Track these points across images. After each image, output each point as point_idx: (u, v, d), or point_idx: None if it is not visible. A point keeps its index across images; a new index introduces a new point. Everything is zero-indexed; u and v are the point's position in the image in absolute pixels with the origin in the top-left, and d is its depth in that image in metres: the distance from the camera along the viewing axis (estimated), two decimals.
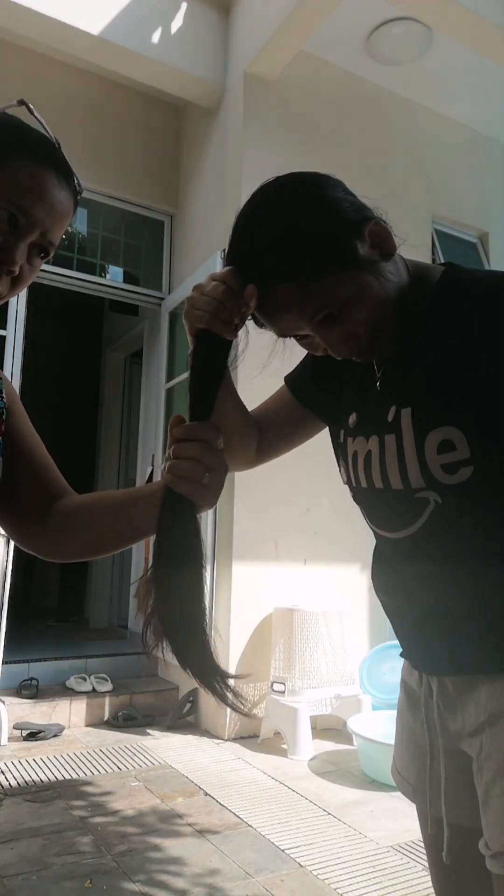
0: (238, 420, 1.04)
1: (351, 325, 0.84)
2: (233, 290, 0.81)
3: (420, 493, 0.85)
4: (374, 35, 3.74)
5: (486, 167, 4.72)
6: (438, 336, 0.86)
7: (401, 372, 0.90)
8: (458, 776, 0.91)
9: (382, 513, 0.93)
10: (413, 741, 0.97)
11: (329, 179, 0.87)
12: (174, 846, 2.21)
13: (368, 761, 2.89)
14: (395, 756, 1.02)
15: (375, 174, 4.07)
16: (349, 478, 0.98)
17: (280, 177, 0.86)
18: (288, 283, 0.81)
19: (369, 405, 0.93)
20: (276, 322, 0.86)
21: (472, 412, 0.81)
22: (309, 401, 1.07)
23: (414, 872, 2.06)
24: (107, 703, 3.59)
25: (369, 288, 0.83)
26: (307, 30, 3.43)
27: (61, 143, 0.80)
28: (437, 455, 0.82)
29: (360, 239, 0.82)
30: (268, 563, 3.58)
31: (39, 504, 0.89)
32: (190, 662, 0.73)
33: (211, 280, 0.83)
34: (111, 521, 0.86)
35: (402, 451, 0.86)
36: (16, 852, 2.13)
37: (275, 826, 2.39)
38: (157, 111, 4.46)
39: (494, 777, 0.80)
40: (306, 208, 0.82)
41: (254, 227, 0.83)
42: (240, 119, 3.78)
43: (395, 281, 0.86)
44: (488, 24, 3.26)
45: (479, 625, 0.84)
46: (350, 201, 0.85)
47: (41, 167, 0.75)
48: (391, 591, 0.96)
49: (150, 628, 0.72)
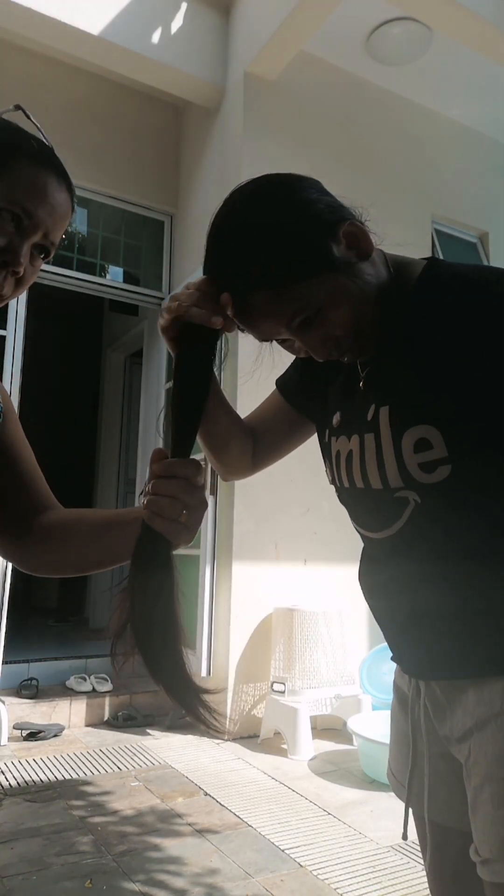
0: (231, 429, 1.03)
1: (329, 329, 0.83)
2: (209, 295, 0.81)
3: (399, 492, 0.85)
4: (374, 35, 3.75)
5: (486, 167, 4.72)
6: (418, 333, 0.85)
7: (382, 370, 0.89)
8: (451, 779, 0.90)
9: (365, 513, 0.92)
10: (405, 744, 0.97)
11: (303, 181, 0.85)
12: (174, 846, 2.21)
13: (368, 761, 2.89)
14: (390, 758, 1.02)
15: (375, 174, 4.07)
16: (333, 477, 0.97)
17: (252, 180, 0.85)
18: (262, 290, 0.80)
19: (352, 404, 0.93)
20: (254, 328, 0.85)
21: (450, 410, 0.80)
22: (298, 402, 1.07)
23: (414, 872, 2.06)
24: (107, 703, 3.59)
25: (346, 290, 0.82)
26: (307, 30, 3.43)
27: (62, 142, 0.81)
28: (413, 454, 0.81)
29: (335, 241, 0.81)
30: (268, 563, 3.58)
31: (23, 515, 0.88)
32: (162, 679, 0.71)
33: (186, 288, 0.83)
34: (89, 543, 0.85)
35: (380, 451, 0.86)
36: (16, 852, 2.13)
37: (275, 826, 2.39)
38: (157, 111, 4.46)
39: (482, 783, 0.80)
40: (278, 213, 0.81)
41: (225, 234, 0.83)
42: (240, 119, 3.78)
43: (374, 280, 0.85)
44: (488, 24, 3.26)
45: (464, 628, 0.83)
46: (325, 202, 0.83)
47: (42, 169, 0.77)
48: (377, 593, 0.95)
49: (120, 642, 0.70)
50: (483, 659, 0.82)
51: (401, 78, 4.14)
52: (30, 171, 0.75)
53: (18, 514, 0.88)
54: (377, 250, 0.88)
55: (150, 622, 0.70)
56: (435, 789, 0.92)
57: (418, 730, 0.93)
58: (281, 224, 0.80)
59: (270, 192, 0.83)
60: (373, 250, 0.84)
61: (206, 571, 3.57)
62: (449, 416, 0.80)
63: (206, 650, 3.52)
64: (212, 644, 3.53)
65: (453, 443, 0.79)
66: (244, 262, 0.80)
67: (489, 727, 0.80)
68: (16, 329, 3.74)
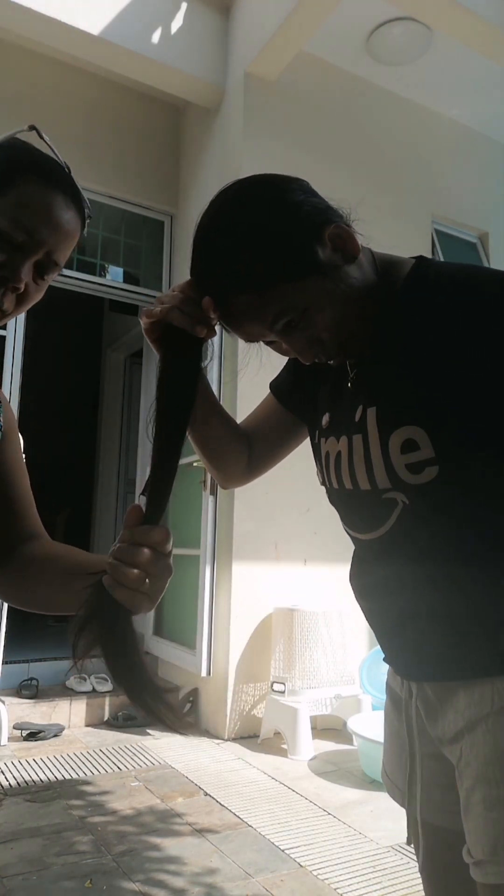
0: (225, 434, 1.03)
1: (314, 331, 0.83)
2: (191, 298, 0.80)
3: (387, 493, 0.84)
4: (374, 35, 3.74)
5: (486, 167, 4.72)
6: (407, 333, 0.85)
7: (370, 371, 0.89)
8: (443, 780, 0.90)
9: (354, 514, 0.92)
10: (399, 745, 0.97)
11: (289, 182, 0.84)
12: (174, 846, 2.21)
13: (368, 761, 2.89)
14: (384, 760, 1.02)
15: (375, 174, 4.07)
16: (324, 479, 0.97)
17: (238, 181, 0.84)
18: (245, 293, 0.79)
19: (340, 405, 0.92)
20: (238, 330, 0.85)
21: (437, 411, 0.79)
22: (291, 404, 1.06)
23: (414, 872, 2.06)
24: (107, 703, 3.59)
25: (331, 293, 0.81)
26: (307, 30, 3.43)
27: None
28: (400, 454, 0.81)
29: (320, 243, 0.80)
30: (268, 563, 3.58)
31: (5, 541, 0.86)
32: (122, 681, 0.69)
33: (171, 290, 0.83)
34: (58, 588, 0.82)
35: (368, 452, 0.85)
36: (16, 852, 2.13)
37: (275, 826, 2.39)
38: (157, 111, 4.46)
39: (474, 784, 0.80)
40: (262, 214, 0.80)
41: (208, 236, 0.82)
42: (240, 119, 3.78)
43: (360, 282, 0.84)
44: (488, 24, 3.26)
45: (452, 630, 0.83)
46: (311, 203, 0.82)
47: (47, 188, 0.77)
48: (367, 595, 0.95)
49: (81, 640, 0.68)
50: (473, 661, 0.82)
51: (401, 78, 4.14)
52: (35, 189, 0.76)
53: (1, 540, 0.86)
54: (365, 250, 0.87)
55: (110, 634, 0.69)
56: (428, 790, 0.92)
57: (412, 731, 0.93)
58: (265, 226, 0.79)
59: (255, 194, 0.83)
60: (359, 253, 0.83)
61: (206, 571, 3.57)
62: (436, 417, 0.79)
63: (206, 650, 3.52)
64: (212, 644, 3.53)
65: (440, 444, 0.79)
66: (227, 263, 0.80)
67: (479, 729, 0.80)
68: (16, 329, 3.74)
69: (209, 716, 3.52)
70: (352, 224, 0.85)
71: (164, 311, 0.80)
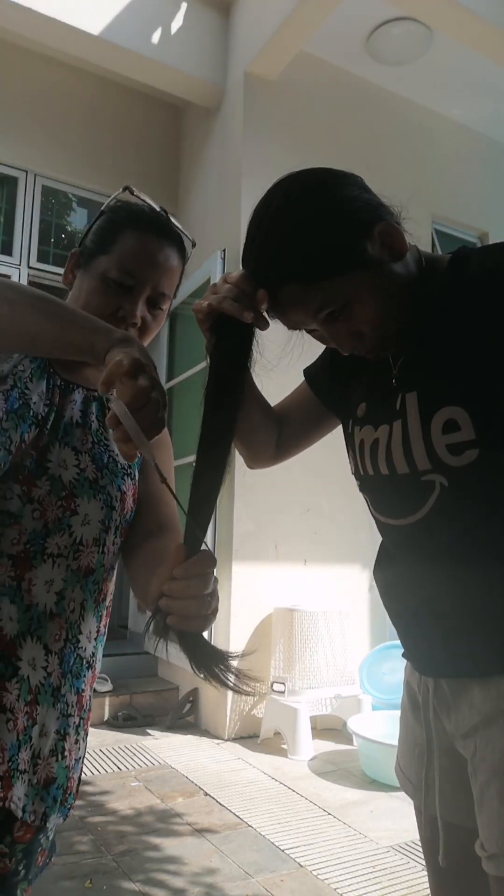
0: (259, 418, 1.05)
1: (355, 324, 0.84)
2: (245, 292, 0.82)
3: (426, 475, 0.84)
4: (374, 35, 3.74)
5: (486, 167, 4.72)
6: (444, 319, 0.86)
7: (412, 362, 0.90)
8: (455, 776, 0.91)
9: (389, 500, 0.92)
10: (414, 740, 0.97)
11: (345, 177, 0.86)
12: (174, 846, 2.21)
13: (368, 761, 2.89)
14: (399, 754, 1.03)
15: (375, 174, 4.02)
16: (356, 467, 0.98)
17: (294, 174, 0.86)
18: (293, 282, 0.81)
19: (379, 396, 0.93)
20: (283, 316, 0.87)
21: (477, 392, 0.80)
22: (324, 393, 1.07)
23: (414, 872, 2.06)
24: (107, 703, 3.59)
25: (375, 288, 0.83)
26: (307, 30, 3.43)
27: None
28: (442, 435, 0.82)
29: (369, 239, 0.82)
30: (268, 563, 3.58)
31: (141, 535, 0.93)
32: (188, 648, 0.74)
33: (224, 283, 0.84)
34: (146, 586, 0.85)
35: (407, 435, 0.86)
36: None
37: (275, 826, 2.39)
38: (157, 111, 4.46)
39: (489, 779, 0.80)
40: (315, 207, 0.82)
41: (263, 228, 0.84)
42: (240, 119, 3.78)
43: (405, 280, 0.86)
44: (488, 24, 3.26)
45: (476, 624, 0.84)
46: (364, 199, 0.84)
47: (144, 234, 0.91)
48: (392, 586, 0.96)
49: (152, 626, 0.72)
50: (490, 655, 0.82)
51: (401, 78, 4.14)
52: (133, 239, 0.91)
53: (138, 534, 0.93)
54: (412, 248, 0.88)
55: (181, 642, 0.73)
56: (441, 786, 0.93)
57: (430, 728, 0.93)
58: (317, 219, 0.81)
59: (310, 187, 0.84)
60: (406, 251, 0.85)
61: None
62: (477, 397, 0.80)
63: None
64: None
65: (481, 425, 0.79)
66: (279, 252, 0.82)
67: (497, 724, 0.81)
68: None
69: (209, 716, 3.52)
70: (401, 223, 0.86)
71: (217, 301, 0.82)
